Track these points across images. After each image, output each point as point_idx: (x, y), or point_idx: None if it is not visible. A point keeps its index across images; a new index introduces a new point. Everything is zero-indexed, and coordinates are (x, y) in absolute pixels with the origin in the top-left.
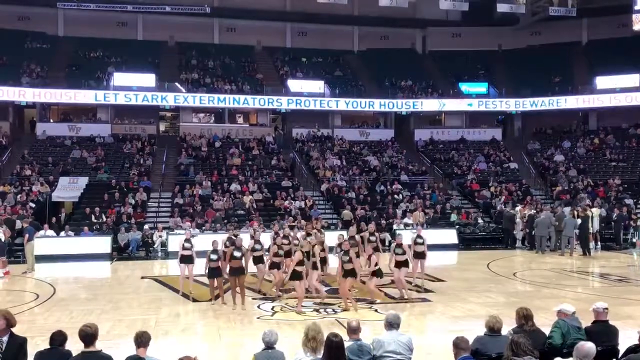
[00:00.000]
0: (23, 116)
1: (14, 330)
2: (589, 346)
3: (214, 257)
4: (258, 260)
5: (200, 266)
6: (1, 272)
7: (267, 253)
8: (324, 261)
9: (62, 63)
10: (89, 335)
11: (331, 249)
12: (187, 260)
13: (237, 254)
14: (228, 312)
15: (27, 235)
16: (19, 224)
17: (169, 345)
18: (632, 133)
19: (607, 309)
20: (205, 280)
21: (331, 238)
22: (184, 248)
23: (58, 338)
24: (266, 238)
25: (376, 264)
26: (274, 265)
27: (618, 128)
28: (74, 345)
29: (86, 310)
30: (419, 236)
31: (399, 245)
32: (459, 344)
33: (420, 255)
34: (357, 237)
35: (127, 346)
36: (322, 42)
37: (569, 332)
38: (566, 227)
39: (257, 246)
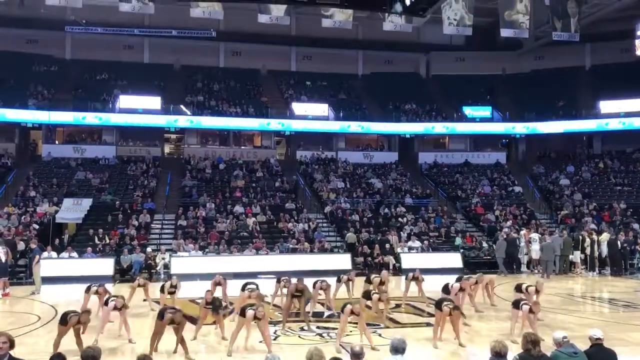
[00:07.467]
0: (28, 138)
1: (12, 353)
2: None
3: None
4: None
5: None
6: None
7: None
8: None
9: (68, 85)
10: (90, 357)
11: None
12: None
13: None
14: None
15: (37, 257)
16: (21, 245)
17: None
18: (636, 157)
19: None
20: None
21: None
22: None
23: None
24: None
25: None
26: None
27: (622, 152)
28: None
29: (87, 333)
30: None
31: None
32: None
33: None
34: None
35: None
36: (326, 66)
37: None
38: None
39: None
